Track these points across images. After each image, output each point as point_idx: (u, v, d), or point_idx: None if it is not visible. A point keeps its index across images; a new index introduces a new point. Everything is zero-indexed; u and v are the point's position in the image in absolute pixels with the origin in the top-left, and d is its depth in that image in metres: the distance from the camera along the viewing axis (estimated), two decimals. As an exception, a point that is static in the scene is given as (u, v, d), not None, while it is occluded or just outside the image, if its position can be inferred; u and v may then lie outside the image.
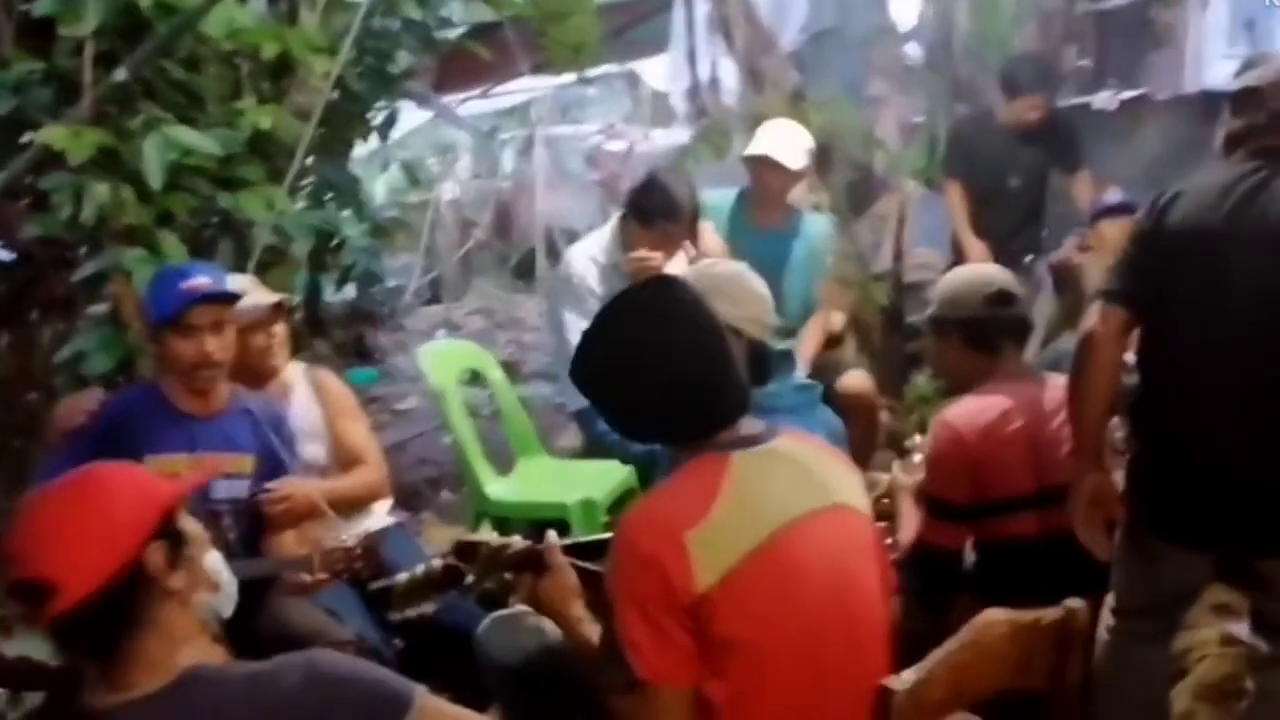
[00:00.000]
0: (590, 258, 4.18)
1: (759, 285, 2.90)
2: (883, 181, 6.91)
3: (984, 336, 3.03)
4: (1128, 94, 7.99)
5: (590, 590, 2.26)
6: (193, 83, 4.32)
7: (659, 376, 2.04)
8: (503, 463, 4.57)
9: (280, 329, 3.43)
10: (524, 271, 10.31)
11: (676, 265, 4.07)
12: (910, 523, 3.00)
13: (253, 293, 3.37)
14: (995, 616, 1.87)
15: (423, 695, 1.73)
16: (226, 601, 1.82)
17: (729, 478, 2.00)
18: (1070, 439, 2.78)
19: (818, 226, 4.93)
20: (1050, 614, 1.94)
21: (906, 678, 1.72)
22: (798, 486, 2.06)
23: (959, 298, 3.10)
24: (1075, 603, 1.95)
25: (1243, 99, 2.69)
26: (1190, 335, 2.59)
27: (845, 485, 2.15)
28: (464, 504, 4.86)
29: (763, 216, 4.73)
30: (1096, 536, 2.70)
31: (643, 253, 3.96)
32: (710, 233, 4.37)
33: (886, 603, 2.12)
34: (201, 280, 2.97)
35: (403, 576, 2.44)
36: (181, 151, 3.96)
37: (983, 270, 3.29)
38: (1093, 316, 2.73)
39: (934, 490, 2.96)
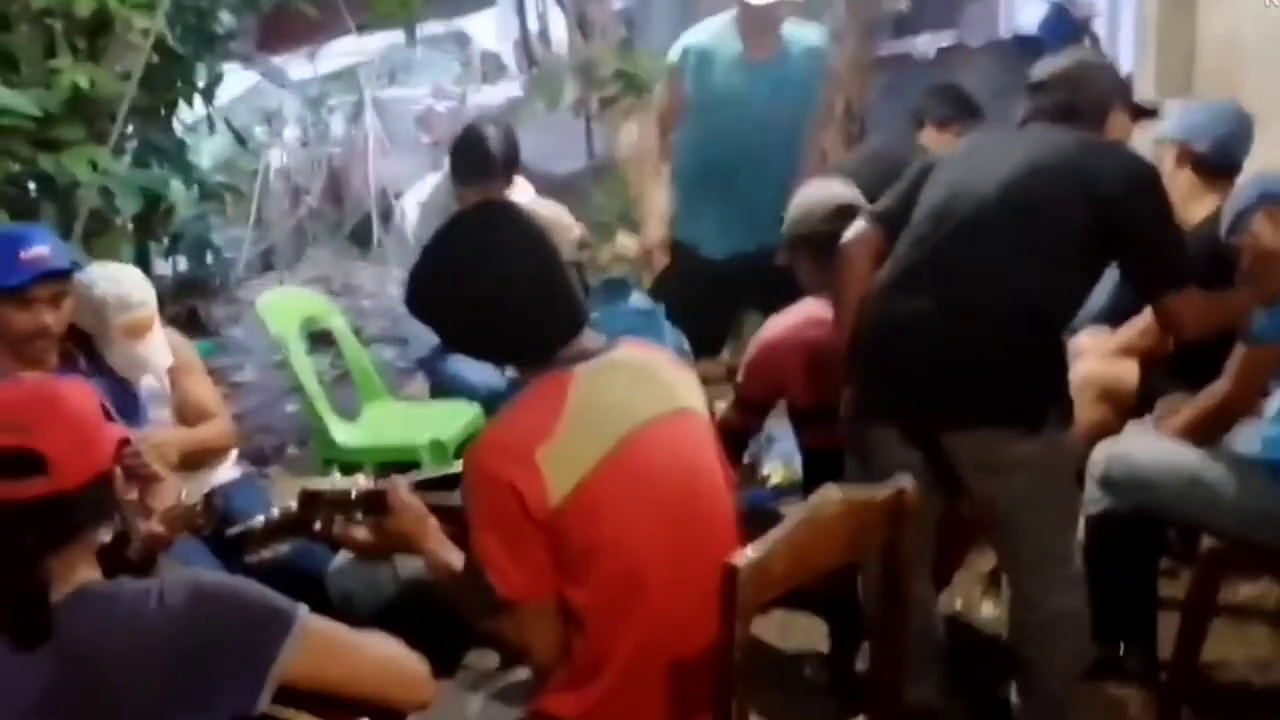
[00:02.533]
0: (419, 203, 4.30)
1: (555, 211, 2.97)
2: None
3: (827, 250, 3.12)
4: (945, 41, 8.28)
5: (446, 524, 2.29)
6: (4, 42, 4.20)
7: (493, 290, 2.06)
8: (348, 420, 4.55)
9: None
10: (359, 238, 10.15)
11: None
12: None
13: (146, 329, 3.21)
14: (831, 495, 1.96)
15: (306, 613, 1.75)
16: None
17: (572, 392, 2.03)
18: None
19: (808, 41, 4.57)
20: (882, 492, 2.05)
21: (749, 554, 1.80)
22: (641, 393, 2.11)
23: (804, 215, 3.28)
24: (906, 481, 2.06)
25: (1034, 90, 2.90)
26: (914, 230, 2.81)
27: (685, 389, 2.21)
28: (311, 457, 4.84)
29: (757, 49, 4.45)
30: None
31: None
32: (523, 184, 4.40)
33: (732, 495, 2.20)
34: (42, 250, 2.87)
35: (259, 520, 2.45)
36: (-4, 111, 3.86)
37: (826, 187, 3.40)
38: (849, 232, 2.96)
39: (744, 388, 3.31)
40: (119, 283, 3.14)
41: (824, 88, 4.73)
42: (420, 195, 4.35)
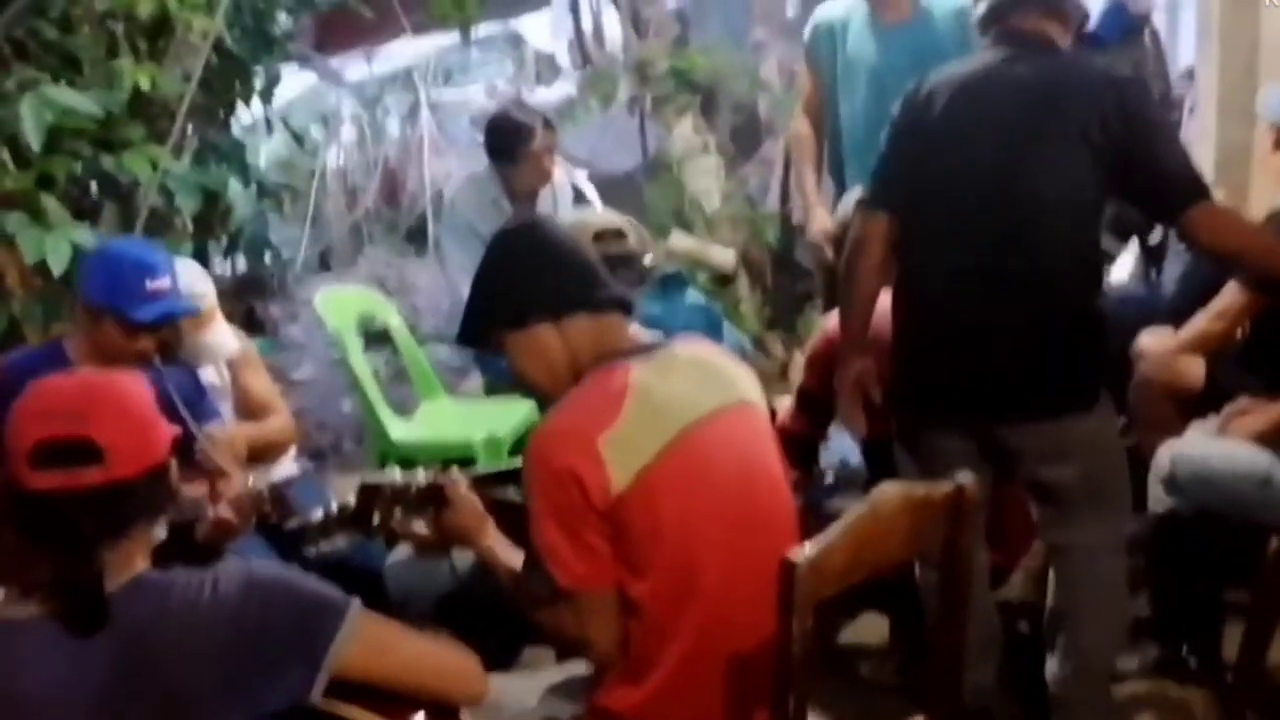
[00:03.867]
0: (474, 198, 4.37)
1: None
2: (768, 126, 7.00)
3: None
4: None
5: (504, 521, 2.29)
6: (68, 43, 4.25)
7: (496, 257, 2.17)
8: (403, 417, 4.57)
9: None
10: (414, 238, 10.21)
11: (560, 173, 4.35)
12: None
13: (211, 321, 3.30)
14: (890, 490, 1.94)
15: (357, 606, 1.77)
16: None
17: (633, 383, 2.04)
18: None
19: (951, 2, 4.10)
20: (942, 488, 2.02)
21: (807, 551, 1.79)
22: (702, 385, 2.11)
23: (849, 209, 3.29)
24: (966, 478, 2.04)
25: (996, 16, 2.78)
26: (937, 220, 2.75)
27: (746, 383, 2.22)
28: (366, 454, 4.87)
29: (888, 9, 4.13)
30: (855, 415, 2.94)
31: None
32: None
33: (790, 491, 2.21)
34: (164, 283, 2.86)
35: (318, 513, 2.46)
36: (60, 112, 3.89)
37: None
38: (857, 222, 2.88)
39: (805, 381, 3.24)
40: (179, 276, 3.19)
41: None
42: (471, 186, 4.49)
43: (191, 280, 3.23)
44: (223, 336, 3.28)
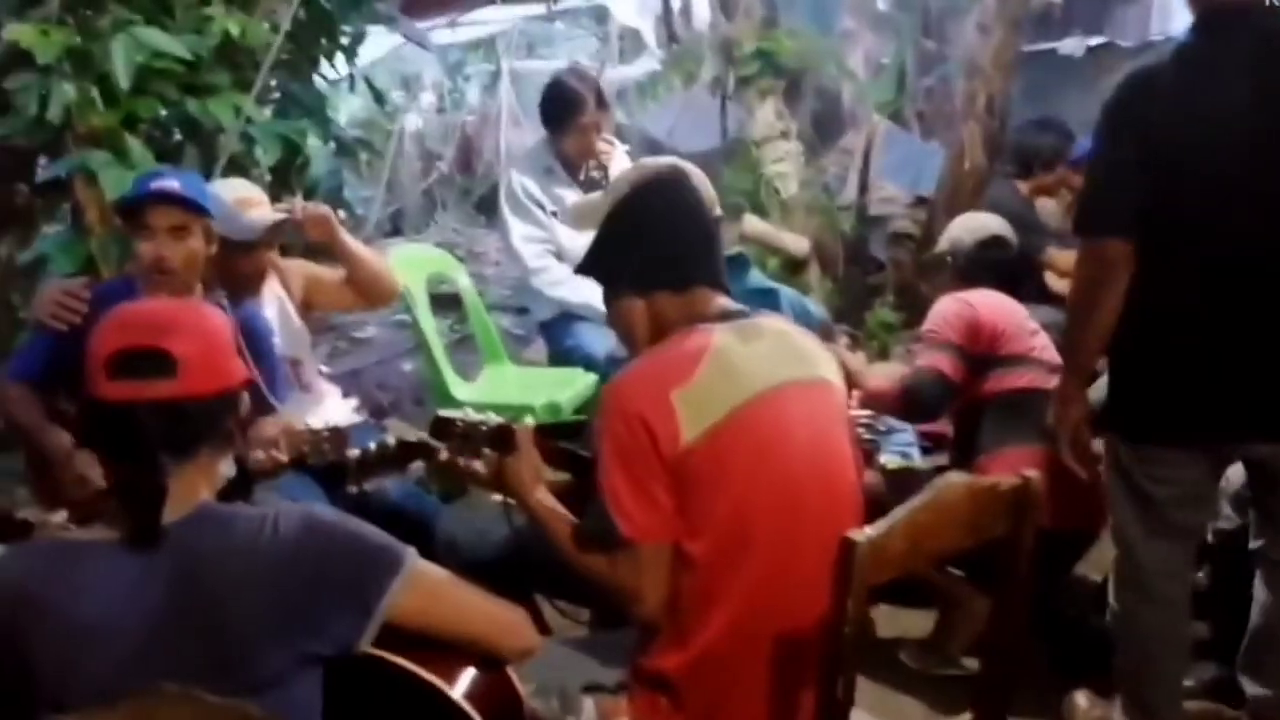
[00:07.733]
0: (530, 167, 4.43)
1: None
2: (850, 115, 6.94)
3: (969, 272, 3.60)
4: (1095, 40, 8.07)
5: (571, 471, 2.32)
6: (161, -12, 4.29)
7: (642, 213, 2.18)
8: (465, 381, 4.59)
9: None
10: (486, 206, 10.28)
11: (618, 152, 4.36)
12: (877, 382, 3.44)
13: (258, 205, 3.30)
14: (955, 479, 1.92)
15: (414, 556, 1.77)
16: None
17: (714, 345, 2.06)
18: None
19: None
20: (1007, 481, 1.99)
21: (869, 532, 1.77)
22: (781, 357, 2.13)
23: (958, 238, 3.69)
24: (1032, 473, 2.01)
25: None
26: (1180, 240, 2.58)
27: (825, 362, 2.22)
28: (426, 414, 4.88)
29: None
30: (1079, 456, 2.80)
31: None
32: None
33: (861, 473, 2.20)
34: (170, 183, 2.89)
35: (355, 451, 2.46)
36: (150, 54, 3.94)
37: (983, 218, 3.80)
38: (1093, 252, 2.67)
39: (952, 339, 3.38)
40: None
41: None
42: (530, 161, 4.54)
43: (235, 185, 3.33)
44: (264, 211, 3.29)
